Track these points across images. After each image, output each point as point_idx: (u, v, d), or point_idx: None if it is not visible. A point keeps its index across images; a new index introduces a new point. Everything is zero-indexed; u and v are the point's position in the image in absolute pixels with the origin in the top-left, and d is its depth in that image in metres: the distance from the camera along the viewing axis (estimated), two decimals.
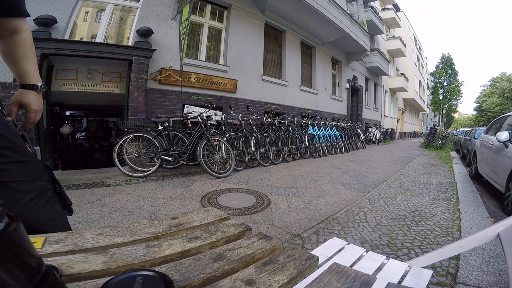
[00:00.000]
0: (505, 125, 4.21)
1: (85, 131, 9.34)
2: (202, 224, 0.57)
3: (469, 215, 2.62)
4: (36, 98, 0.87)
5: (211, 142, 3.96)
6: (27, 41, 0.84)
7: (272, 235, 2.03)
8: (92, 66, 4.65)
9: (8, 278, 0.18)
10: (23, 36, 0.82)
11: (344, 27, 8.78)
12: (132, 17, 4.98)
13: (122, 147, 3.78)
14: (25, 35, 0.83)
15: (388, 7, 17.79)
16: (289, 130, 6.26)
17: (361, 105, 13.34)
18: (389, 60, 16.19)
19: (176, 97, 5.16)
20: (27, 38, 0.84)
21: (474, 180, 4.98)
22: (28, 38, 0.85)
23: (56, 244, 0.43)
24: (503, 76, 39.79)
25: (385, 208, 2.79)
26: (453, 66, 27.22)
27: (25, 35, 0.83)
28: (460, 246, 1.11)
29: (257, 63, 6.98)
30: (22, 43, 0.82)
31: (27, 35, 0.84)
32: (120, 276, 0.29)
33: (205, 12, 6.08)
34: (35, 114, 0.88)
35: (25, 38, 0.83)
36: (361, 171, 4.98)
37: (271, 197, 3.03)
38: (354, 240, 2.00)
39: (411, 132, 27.21)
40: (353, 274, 0.50)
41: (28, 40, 0.84)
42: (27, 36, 0.84)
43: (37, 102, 0.88)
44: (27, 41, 0.84)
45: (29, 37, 0.85)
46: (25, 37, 0.83)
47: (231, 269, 0.41)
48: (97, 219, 2.20)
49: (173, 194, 2.99)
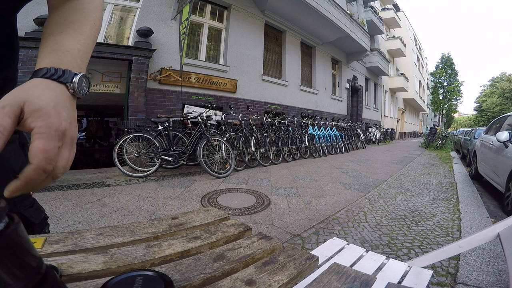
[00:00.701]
0: (505, 125, 4.21)
1: (85, 131, 9.35)
2: (202, 224, 0.57)
3: (469, 215, 2.62)
4: (62, 105, 0.35)
5: (211, 142, 3.96)
6: (88, 7, 0.48)
7: (272, 235, 2.03)
8: (92, 66, 4.64)
9: (8, 278, 0.18)
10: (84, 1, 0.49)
11: (344, 27, 8.78)
12: (132, 17, 4.98)
13: (122, 147, 3.78)
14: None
15: (388, 7, 17.80)
16: (289, 130, 6.26)
17: (361, 105, 13.34)
18: (389, 60, 16.19)
19: (176, 97, 5.16)
20: (91, 3, 0.49)
21: (474, 180, 4.98)
22: (93, 3, 0.50)
23: (56, 244, 0.43)
24: (503, 76, 39.80)
25: (385, 208, 2.79)
26: (453, 66, 27.24)
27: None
28: (460, 246, 1.11)
29: (257, 63, 6.98)
30: (78, 10, 0.47)
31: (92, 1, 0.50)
32: (120, 276, 0.29)
33: (205, 12, 6.08)
34: (54, 141, 0.32)
35: (87, 2, 0.49)
36: (361, 171, 4.98)
37: (271, 197, 3.03)
38: (354, 240, 2.00)
39: (411, 132, 27.21)
40: (353, 274, 0.50)
41: (92, 6, 0.49)
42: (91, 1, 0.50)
43: (64, 115, 0.34)
44: (89, 7, 0.49)
45: (94, 2, 0.50)
46: (87, 2, 0.49)
47: (231, 269, 0.41)
48: (97, 219, 2.20)
49: (173, 194, 2.99)
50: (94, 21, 0.48)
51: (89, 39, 0.46)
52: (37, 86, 0.35)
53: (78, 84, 0.39)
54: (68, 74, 0.39)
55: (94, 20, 0.49)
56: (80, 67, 0.43)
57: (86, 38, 0.46)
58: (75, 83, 0.39)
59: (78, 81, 0.39)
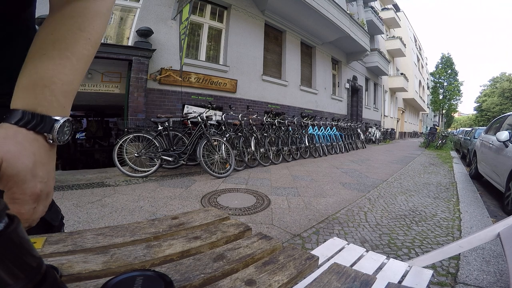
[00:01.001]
0: (505, 125, 4.21)
1: (85, 131, 9.35)
2: (202, 224, 0.57)
3: (469, 214, 2.62)
4: (39, 163, 0.33)
5: (211, 142, 3.96)
6: (85, 14, 0.38)
7: (272, 235, 2.03)
8: (92, 66, 4.64)
9: (8, 278, 0.18)
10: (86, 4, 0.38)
11: (344, 27, 8.78)
12: (132, 17, 4.98)
13: (122, 147, 3.78)
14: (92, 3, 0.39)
15: (388, 7, 17.80)
16: (289, 130, 6.27)
17: (361, 105, 13.34)
18: (389, 60, 16.19)
19: (176, 97, 5.16)
20: (90, 7, 0.39)
21: (474, 179, 4.98)
22: (93, 8, 0.39)
23: (56, 244, 0.43)
24: (503, 76, 39.81)
25: (385, 208, 2.79)
26: (453, 66, 27.25)
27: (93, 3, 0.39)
28: (460, 245, 1.11)
29: (257, 63, 6.98)
30: (73, 18, 0.37)
31: (98, 4, 0.39)
32: (120, 276, 0.29)
33: (205, 12, 6.08)
34: (29, 205, 0.31)
35: (87, 8, 0.38)
36: (361, 171, 4.98)
37: (271, 197, 3.03)
38: (354, 240, 2.00)
39: (411, 132, 27.22)
40: (353, 274, 0.50)
41: (91, 12, 0.39)
42: (94, 5, 0.39)
43: (40, 175, 0.33)
44: (86, 14, 0.38)
45: (94, 7, 0.39)
46: (89, 7, 0.39)
47: (231, 269, 0.41)
48: (97, 219, 2.20)
49: (173, 194, 2.99)
50: (90, 35, 0.38)
51: (80, 63, 0.37)
52: (13, 139, 0.31)
53: (58, 134, 0.34)
54: (47, 122, 0.33)
55: (91, 33, 0.38)
56: (63, 108, 0.35)
57: (76, 62, 0.36)
58: (55, 132, 0.34)
59: (58, 129, 0.34)
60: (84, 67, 0.38)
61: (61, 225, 0.80)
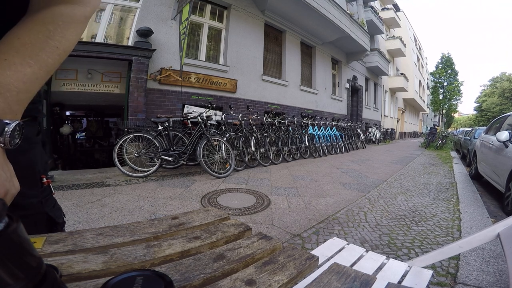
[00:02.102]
0: (505, 125, 4.21)
1: (85, 131, 9.35)
2: (202, 224, 0.57)
3: (469, 215, 2.62)
4: None
5: (211, 142, 3.96)
6: (57, 22, 0.38)
7: (272, 235, 2.03)
8: (92, 66, 4.64)
9: (8, 278, 0.18)
10: (67, 10, 0.39)
11: (344, 27, 8.78)
12: (132, 17, 4.98)
13: (122, 147, 3.78)
14: (73, 9, 0.40)
15: (388, 7, 17.80)
16: (289, 130, 6.26)
17: (361, 105, 13.34)
18: (389, 60, 16.19)
19: (176, 97, 5.16)
20: (64, 15, 0.39)
21: (474, 180, 4.98)
22: (65, 16, 0.39)
23: (56, 244, 0.43)
24: (503, 76, 39.80)
25: (385, 208, 2.79)
26: (453, 66, 27.25)
27: (73, 10, 0.39)
28: (460, 246, 1.11)
29: (257, 63, 6.98)
30: (44, 24, 0.37)
31: (77, 12, 0.40)
32: (120, 276, 0.29)
33: (205, 12, 6.08)
34: None
35: (66, 14, 0.39)
36: (361, 171, 4.98)
37: (271, 197, 3.03)
38: (354, 240, 2.00)
39: (411, 132, 27.22)
40: (353, 274, 0.50)
41: (63, 20, 0.38)
42: (73, 12, 0.40)
43: (3, 176, 0.33)
44: (58, 22, 0.38)
45: (67, 16, 0.39)
46: (69, 13, 0.39)
47: (231, 269, 0.41)
48: (97, 219, 2.20)
49: (173, 194, 2.99)
50: (59, 43, 0.37)
51: (42, 71, 0.36)
52: None
53: (9, 137, 0.33)
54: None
55: (60, 42, 0.37)
56: (15, 114, 0.34)
57: (38, 70, 0.35)
58: (6, 136, 0.33)
59: (10, 133, 0.33)
60: (46, 76, 0.37)
61: (63, 223, 0.82)
